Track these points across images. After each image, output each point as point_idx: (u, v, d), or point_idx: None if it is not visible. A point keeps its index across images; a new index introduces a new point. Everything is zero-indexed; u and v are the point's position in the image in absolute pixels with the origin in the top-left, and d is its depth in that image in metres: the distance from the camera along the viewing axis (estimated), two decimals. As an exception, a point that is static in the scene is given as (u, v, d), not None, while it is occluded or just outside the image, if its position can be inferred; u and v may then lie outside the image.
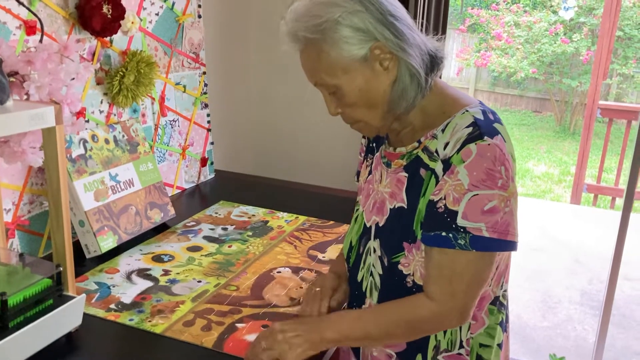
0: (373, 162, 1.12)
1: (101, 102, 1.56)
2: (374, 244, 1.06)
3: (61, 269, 1.06)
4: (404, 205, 1.00)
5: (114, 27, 1.48)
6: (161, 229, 1.59)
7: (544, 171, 6.87)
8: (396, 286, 1.01)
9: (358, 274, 1.10)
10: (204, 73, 1.97)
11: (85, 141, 1.45)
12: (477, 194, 0.90)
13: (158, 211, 1.59)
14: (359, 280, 1.10)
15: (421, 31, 1.01)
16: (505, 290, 1.06)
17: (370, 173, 1.12)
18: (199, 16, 1.91)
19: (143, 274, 1.35)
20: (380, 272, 1.04)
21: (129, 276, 1.34)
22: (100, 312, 1.18)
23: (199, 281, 1.32)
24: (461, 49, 9.03)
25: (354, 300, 1.12)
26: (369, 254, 1.07)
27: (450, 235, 0.91)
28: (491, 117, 0.96)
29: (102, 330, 1.13)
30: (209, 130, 2.03)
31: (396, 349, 1.05)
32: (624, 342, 3.09)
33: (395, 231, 1.01)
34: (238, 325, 1.15)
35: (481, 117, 0.94)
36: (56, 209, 1.08)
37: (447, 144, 0.94)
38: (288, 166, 2.41)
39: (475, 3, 9.43)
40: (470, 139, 0.91)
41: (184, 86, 1.89)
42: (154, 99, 1.76)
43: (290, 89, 2.35)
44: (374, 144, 1.14)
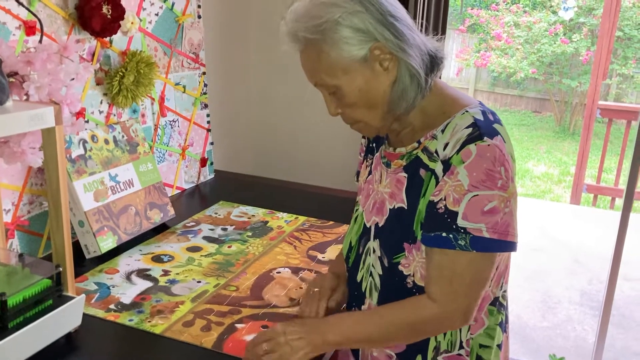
0: (373, 162, 1.12)
1: (101, 103, 1.56)
2: (373, 244, 1.06)
3: (61, 270, 1.06)
4: (403, 205, 1.00)
5: (113, 27, 1.48)
6: (161, 229, 1.59)
7: (543, 171, 6.87)
8: (396, 287, 1.01)
9: (357, 274, 1.10)
10: (203, 73, 1.97)
11: (84, 141, 1.45)
12: (477, 195, 0.90)
13: (158, 211, 1.59)
14: (358, 280, 1.10)
15: (421, 31, 1.01)
16: (504, 290, 1.06)
17: (370, 173, 1.12)
18: (199, 16, 1.91)
19: (143, 274, 1.35)
20: (380, 273, 1.04)
21: (128, 276, 1.34)
22: (99, 313, 1.18)
23: (198, 281, 1.32)
24: (461, 49, 9.03)
25: (353, 300, 1.12)
26: (369, 255, 1.07)
27: (451, 236, 0.91)
28: (491, 117, 0.96)
29: (102, 331, 1.13)
30: (208, 130, 2.03)
31: (396, 349, 1.05)
32: (624, 342, 3.09)
33: (395, 232, 1.01)
34: (238, 325, 1.15)
35: (481, 117, 0.94)
36: (56, 209, 1.08)
37: (446, 144, 0.94)
38: (288, 166, 2.41)
39: (475, 3, 9.43)
40: (470, 139, 0.91)
41: (184, 86, 1.89)
42: (153, 99, 1.76)
43: (290, 89, 2.35)
44: (374, 144, 1.14)
